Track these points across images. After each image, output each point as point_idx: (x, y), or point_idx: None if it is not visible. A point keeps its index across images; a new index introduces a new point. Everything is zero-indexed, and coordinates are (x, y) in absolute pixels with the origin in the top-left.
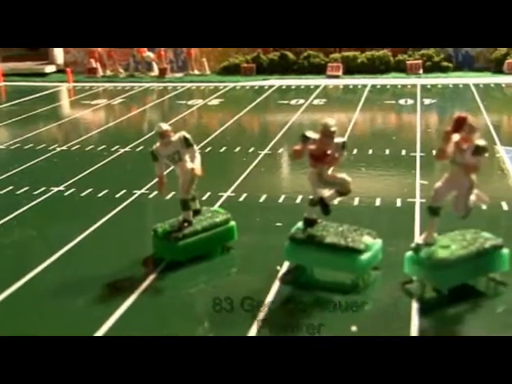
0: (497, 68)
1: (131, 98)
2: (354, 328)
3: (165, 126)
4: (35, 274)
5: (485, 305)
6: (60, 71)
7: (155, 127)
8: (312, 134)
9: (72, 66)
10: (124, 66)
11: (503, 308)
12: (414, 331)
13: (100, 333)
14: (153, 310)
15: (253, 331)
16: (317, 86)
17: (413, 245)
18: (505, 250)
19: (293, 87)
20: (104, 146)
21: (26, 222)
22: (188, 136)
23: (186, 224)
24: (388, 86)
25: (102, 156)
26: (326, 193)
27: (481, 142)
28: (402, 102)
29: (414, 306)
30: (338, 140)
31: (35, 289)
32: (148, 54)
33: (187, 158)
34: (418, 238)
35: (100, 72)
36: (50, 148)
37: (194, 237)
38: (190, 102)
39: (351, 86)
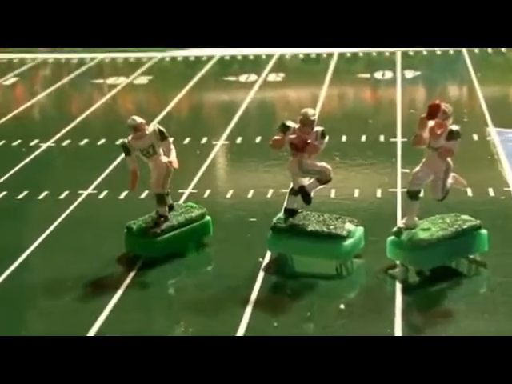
0: None
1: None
2: (342, 306)
3: (138, 119)
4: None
5: (466, 283)
6: None
7: (128, 120)
8: (291, 123)
9: None
10: None
11: (485, 287)
12: (398, 311)
13: (94, 329)
14: (140, 306)
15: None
16: (269, 56)
17: (395, 229)
18: (483, 231)
19: (239, 57)
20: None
21: None
22: (162, 128)
23: (162, 219)
24: (360, 54)
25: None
26: (306, 182)
27: (454, 127)
28: (378, 75)
29: (398, 286)
30: (317, 128)
31: (12, 288)
32: None
33: (161, 151)
34: (400, 223)
35: None
36: None
37: (172, 232)
38: (109, 81)
39: (314, 55)
